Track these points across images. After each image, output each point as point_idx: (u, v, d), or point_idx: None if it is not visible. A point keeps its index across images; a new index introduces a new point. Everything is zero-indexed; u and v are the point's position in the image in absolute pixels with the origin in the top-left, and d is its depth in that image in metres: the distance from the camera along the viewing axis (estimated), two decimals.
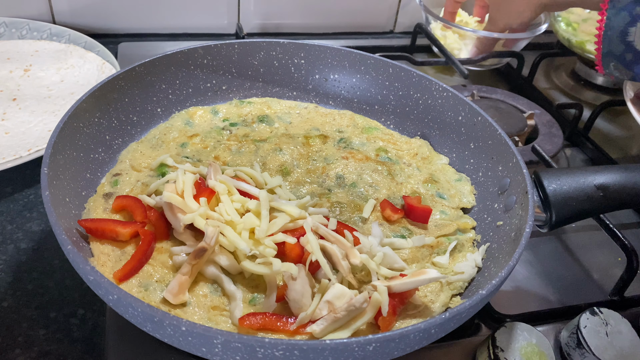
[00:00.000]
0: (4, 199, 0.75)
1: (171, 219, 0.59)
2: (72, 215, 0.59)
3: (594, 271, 0.75)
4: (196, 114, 0.81)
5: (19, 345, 0.57)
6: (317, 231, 0.59)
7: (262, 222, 0.58)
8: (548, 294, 0.70)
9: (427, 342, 0.46)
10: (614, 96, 1.18)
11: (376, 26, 1.34)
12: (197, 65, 0.82)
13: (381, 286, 0.54)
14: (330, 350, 0.42)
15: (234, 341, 0.41)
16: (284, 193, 0.66)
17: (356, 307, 0.52)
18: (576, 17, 1.21)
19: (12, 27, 1.06)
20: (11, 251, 0.67)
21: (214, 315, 0.54)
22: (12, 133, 0.81)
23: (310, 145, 0.77)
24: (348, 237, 0.60)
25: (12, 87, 0.92)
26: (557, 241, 0.79)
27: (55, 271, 0.65)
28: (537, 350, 0.56)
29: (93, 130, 0.68)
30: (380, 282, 0.55)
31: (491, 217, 0.67)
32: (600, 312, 0.60)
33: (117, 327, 0.56)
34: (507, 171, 0.66)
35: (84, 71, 0.97)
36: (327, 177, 0.72)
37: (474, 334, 0.63)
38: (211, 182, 0.61)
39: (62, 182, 0.59)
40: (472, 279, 0.60)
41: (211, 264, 0.56)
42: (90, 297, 0.62)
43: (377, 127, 0.84)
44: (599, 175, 0.59)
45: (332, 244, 0.58)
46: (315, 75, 0.88)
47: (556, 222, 0.59)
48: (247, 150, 0.74)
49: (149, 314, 0.43)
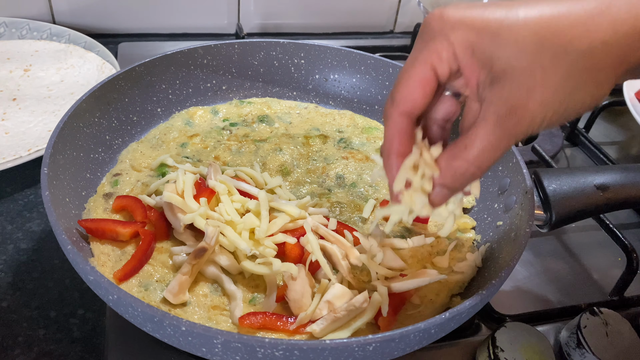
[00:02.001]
0: (4, 199, 0.75)
1: (171, 219, 0.59)
2: (72, 215, 0.59)
3: (594, 271, 0.75)
4: (196, 114, 0.81)
5: (19, 345, 0.57)
6: (317, 231, 0.59)
7: (262, 223, 0.58)
8: (548, 294, 0.70)
9: (427, 342, 0.46)
10: (614, 96, 1.18)
11: (376, 26, 1.34)
12: (197, 65, 0.82)
13: (381, 287, 0.54)
14: (330, 350, 0.42)
15: (234, 341, 0.41)
16: (284, 193, 0.66)
17: (356, 307, 0.52)
18: None
19: (12, 27, 1.06)
20: (11, 251, 0.67)
21: (214, 315, 0.54)
22: (12, 133, 0.81)
23: (310, 145, 0.77)
24: (348, 237, 0.60)
25: (12, 87, 0.92)
26: (557, 241, 0.79)
27: (55, 271, 0.65)
28: (537, 350, 0.56)
29: (93, 130, 0.68)
30: (380, 282, 0.55)
31: (491, 217, 0.67)
32: (600, 312, 0.60)
33: (117, 327, 0.56)
34: (507, 171, 0.66)
35: (84, 71, 0.97)
36: (327, 177, 0.72)
37: (474, 334, 0.63)
38: (211, 182, 0.61)
39: (62, 182, 0.59)
40: (472, 279, 0.60)
41: (211, 264, 0.56)
42: (90, 297, 0.62)
43: (377, 127, 0.84)
44: (599, 175, 0.59)
45: (332, 244, 0.58)
46: (315, 75, 0.88)
47: (556, 222, 0.59)
48: (247, 150, 0.74)
49: (149, 314, 0.43)
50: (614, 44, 0.36)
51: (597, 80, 0.38)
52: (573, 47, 0.37)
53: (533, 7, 0.38)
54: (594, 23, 0.36)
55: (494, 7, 0.39)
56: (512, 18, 0.38)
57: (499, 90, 0.39)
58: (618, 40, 0.36)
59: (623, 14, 0.36)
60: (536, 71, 0.37)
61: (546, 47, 0.37)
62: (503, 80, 0.38)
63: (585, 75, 0.37)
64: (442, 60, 0.41)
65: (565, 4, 0.38)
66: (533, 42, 0.37)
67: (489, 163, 0.42)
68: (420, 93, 0.43)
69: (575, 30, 0.37)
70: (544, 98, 0.38)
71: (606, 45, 0.36)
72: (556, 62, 0.37)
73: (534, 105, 0.38)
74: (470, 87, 0.42)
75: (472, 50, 0.40)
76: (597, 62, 0.37)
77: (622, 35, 0.36)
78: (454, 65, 0.41)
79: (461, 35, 0.40)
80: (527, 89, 0.38)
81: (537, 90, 0.38)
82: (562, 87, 0.37)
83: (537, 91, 0.38)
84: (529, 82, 0.37)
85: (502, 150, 0.41)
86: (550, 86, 0.37)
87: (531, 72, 0.37)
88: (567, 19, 0.37)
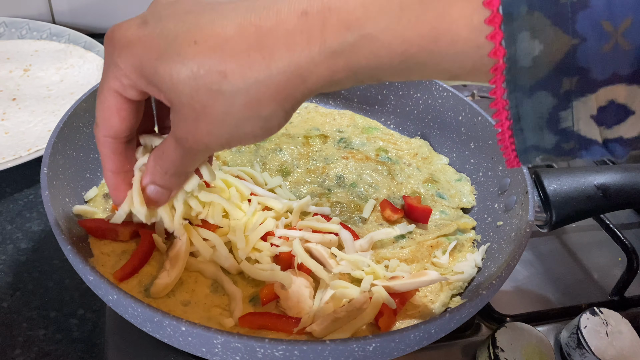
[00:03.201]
0: (4, 199, 0.75)
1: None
2: (72, 215, 0.59)
3: (594, 271, 0.75)
4: None
5: (19, 345, 0.57)
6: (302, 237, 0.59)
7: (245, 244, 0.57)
8: (548, 294, 0.70)
9: (427, 342, 0.46)
10: None
11: None
12: None
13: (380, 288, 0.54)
14: (330, 350, 0.42)
15: (234, 341, 0.41)
16: (284, 193, 0.66)
17: (356, 307, 0.52)
18: None
19: (12, 27, 1.06)
20: (11, 251, 0.67)
21: (214, 315, 0.54)
22: (11, 133, 0.81)
23: (310, 145, 0.77)
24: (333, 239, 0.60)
25: (11, 87, 0.92)
26: (557, 241, 0.79)
27: (55, 271, 0.65)
28: (537, 350, 0.56)
29: (93, 130, 0.68)
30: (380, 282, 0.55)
31: (491, 217, 0.67)
32: (600, 312, 0.60)
33: (117, 327, 0.56)
34: (507, 171, 0.66)
35: (83, 71, 0.97)
36: (327, 177, 0.72)
37: (474, 334, 0.63)
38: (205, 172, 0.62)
39: (62, 182, 0.59)
40: (472, 279, 0.60)
41: (211, 264, 0.56)
42: (90, 297, 0.62)
43: (377, 127, 0.84)
44: (599, 175, 0.59)
45: (316, 244, 0.58)
46: None
47: (556, 222, 0.59)
48: (247, 149, 0.74)
49: (149, 314, 0.42)
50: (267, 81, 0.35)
51: (261, 115, 0.37)
52: (227, 85, 0.36)
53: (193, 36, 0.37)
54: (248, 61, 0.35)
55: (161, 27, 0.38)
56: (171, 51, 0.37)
57: (174, 116, 0.39)
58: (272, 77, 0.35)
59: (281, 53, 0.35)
60: (196, 106, 0.37)
61: (201, 85, 0.36)
62: (173, 108, 0.39)
63: (247, 111, 0.37)
64: (125, 85, 0.40)
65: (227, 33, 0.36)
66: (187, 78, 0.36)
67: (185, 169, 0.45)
68: (117, 119, 0.43)
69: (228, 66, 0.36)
70: (209, 129, 0.39)
71: (260, 83, 0.36)
72: (213, 99, 0.37)
73: (202, 134, 0.39)
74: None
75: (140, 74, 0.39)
76: (255, 98, 0.36)
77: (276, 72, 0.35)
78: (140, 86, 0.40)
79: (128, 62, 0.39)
80: (193, 119, 0.38)
81: (201, 121, 0.38)
82: (225, 121, 0.38)
83: (202, 122, 0.38)
84: (192, 114, 0.38)
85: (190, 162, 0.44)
86: (212, 120, 0.38)
87: (191, 107, 0.37)
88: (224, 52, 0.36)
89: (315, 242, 0.58)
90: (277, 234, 0.59)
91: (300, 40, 0.35)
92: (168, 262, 0.54)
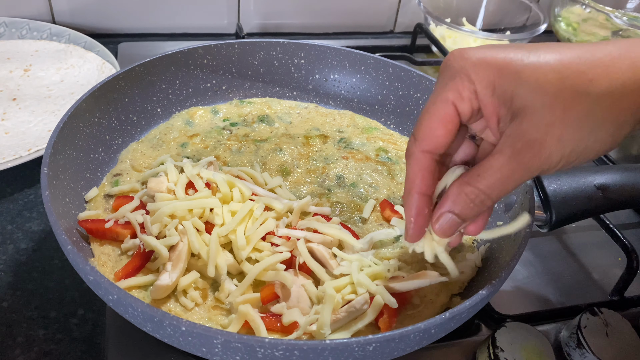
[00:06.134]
0: (4, 199, 0.75)
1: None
2: (72, 215, 0.59)
3: (594, 271, 0.75)
4: (196, 114, 0.81)
5: (19, 345, 0.57)
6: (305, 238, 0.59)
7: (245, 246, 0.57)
8: (548, 294, 0.70)
9: (427, 342, 0.46)
10: None
11: (376, 26, 1.34)
12: (197, 65, 0.82)
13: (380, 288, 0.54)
14: (330, 350, 0.42)
15: (234, 341, 0.41)
16: (284, 193, 0.66)
17: (356, 308, 0.52)
18: (576, 17, 1.21)
19: (12, 27, 1.06)
20: (11, 251, 0.67)
21: (214, 315, 0.54)
22: (12, 133, 0.81)
23: (310, 145, 0.77)
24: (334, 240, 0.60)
25: (12, 87, 0.92)
26: (557, 241, 0.79)
27: (55, 271, 0.65)
28: (537, 350, 0.56)
29: (93, 130, 0.68)
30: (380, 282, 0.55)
31: (491, 217, 0.67)
32: (600, 312, 0.60)
33: (117, 327, 0.56)
34: None
35: (84, 71, 0.97)
36: (327, 177, 0.72)
37: (474, 334, 0.63)
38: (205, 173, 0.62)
39: (62, 182, 0.59)
40: (472, 279, 0.60)
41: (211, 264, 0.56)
42: (90, 297, 0.62)
43: (377, 127, 0.84)
44: (599, 175, 0.59)
45: (317, 244, 0.58)
46: (315, 75, 0.88)
47: (556, 222, 0.59)
48: (248, 150, 0.75)
49: (149, 314, 0.43)
50: (633, 86, 0.37)
51: (617, 120, 0.38)
52: (594, 87, 0.37)
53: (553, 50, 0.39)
54: (614, 65, 0.37)
55: (514, 48, 0.40)
56: (533, 58, 0.39)
57: (517, 125, 0.39)
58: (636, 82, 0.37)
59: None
60: (556, 108, 0.38)
61: (567, 86, 0.37)
62: (522, 116, 0.39)
63: (607, 114, 0.37)
64: (464, 98, 0.41)
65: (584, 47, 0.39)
66: (554, 79, 0.38)
67: (501, 194, 0.42)
68: (443, 131, 0.43)
69: (595, 71, 0.37)
70: (562, 134, 0.38)
71: (625, 87, 0.37)
72: (577, 100, 0.37)
73: (552, 141, 0.38)
74: (491, 125, 0.42)
75: (493, 88, 0.40)
76: (617, 103, 0.37)
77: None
78: (475, 103, 0.42)
79: (482, 74, 0.40)
80: (546, 124, 0.38)
81: (556, 126, 0.38)
82: (582, 124, 0.38)
83: (556, 127, 0.38)
84: (548, 117, 0.38)
85: (514, 182, 0.41)
86: (570, 123, 0.38)
87: (551, 109, 0.38)
88: (588, 60, 0.38)
89: (316, 242, 0.58)
90: (278, 233, 0.59)
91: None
92: (169, 263, 0.54)
